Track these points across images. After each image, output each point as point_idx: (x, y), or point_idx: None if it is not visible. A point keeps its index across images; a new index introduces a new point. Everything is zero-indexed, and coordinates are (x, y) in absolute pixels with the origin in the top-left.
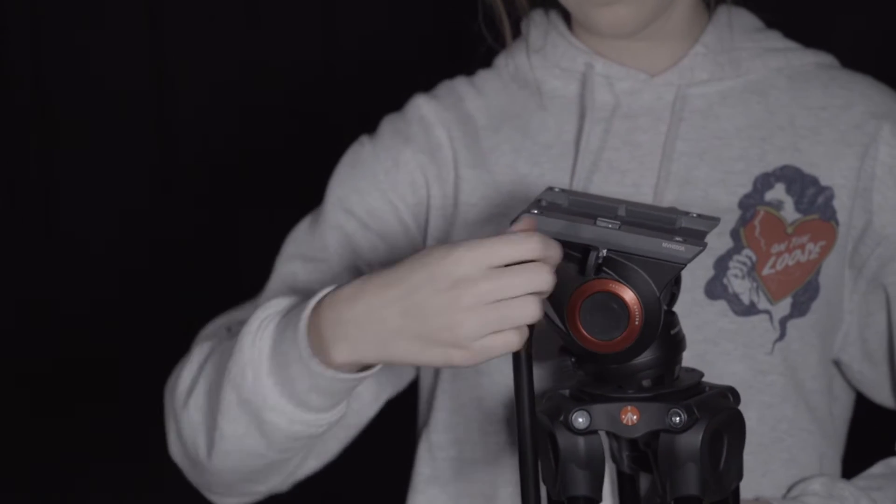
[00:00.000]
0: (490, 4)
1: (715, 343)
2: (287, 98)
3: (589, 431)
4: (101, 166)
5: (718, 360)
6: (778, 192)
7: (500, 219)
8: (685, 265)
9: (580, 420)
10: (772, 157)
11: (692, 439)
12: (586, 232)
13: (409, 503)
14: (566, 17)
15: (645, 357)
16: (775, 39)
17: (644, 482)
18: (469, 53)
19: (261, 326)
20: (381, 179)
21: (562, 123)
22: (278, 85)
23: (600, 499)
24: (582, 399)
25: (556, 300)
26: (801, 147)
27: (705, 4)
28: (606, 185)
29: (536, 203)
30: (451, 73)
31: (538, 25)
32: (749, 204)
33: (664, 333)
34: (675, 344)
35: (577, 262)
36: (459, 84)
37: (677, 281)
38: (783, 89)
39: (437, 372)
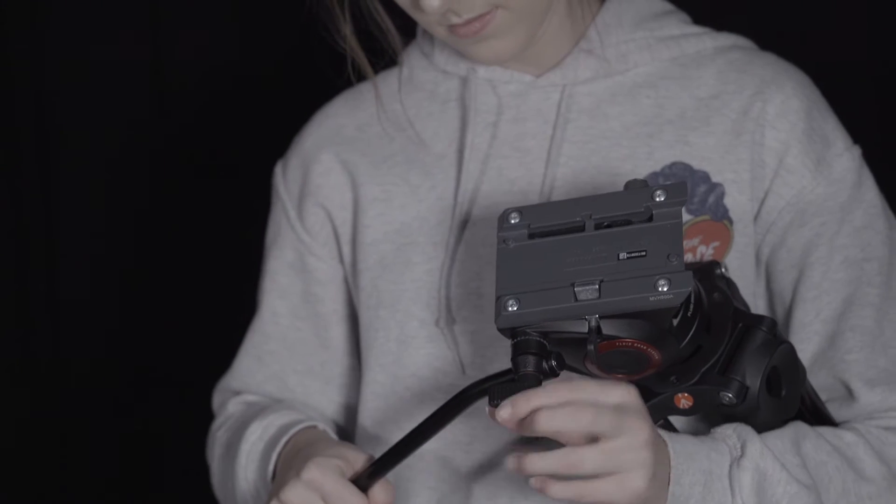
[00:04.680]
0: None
1: None
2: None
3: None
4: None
5: None
6: None
7: (392, 236)
8: (679, 305)
9: None
10: (660, 154)
11: (750, 405)
12: (570, 312)
13: None
14: None
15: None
16: (672, 26)
17: None
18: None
19: (248, 461)
20: (304, 254)
21: (453, 131)
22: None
23: None
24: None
25: (574, 367)
26: (690, 140)
27: None
28: (495, 195)
29: (504, 254)
30: None
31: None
32: None
33: (686, 330)
34: (702, 327)
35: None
36: (360, 91)
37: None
38: (675, 79)
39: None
